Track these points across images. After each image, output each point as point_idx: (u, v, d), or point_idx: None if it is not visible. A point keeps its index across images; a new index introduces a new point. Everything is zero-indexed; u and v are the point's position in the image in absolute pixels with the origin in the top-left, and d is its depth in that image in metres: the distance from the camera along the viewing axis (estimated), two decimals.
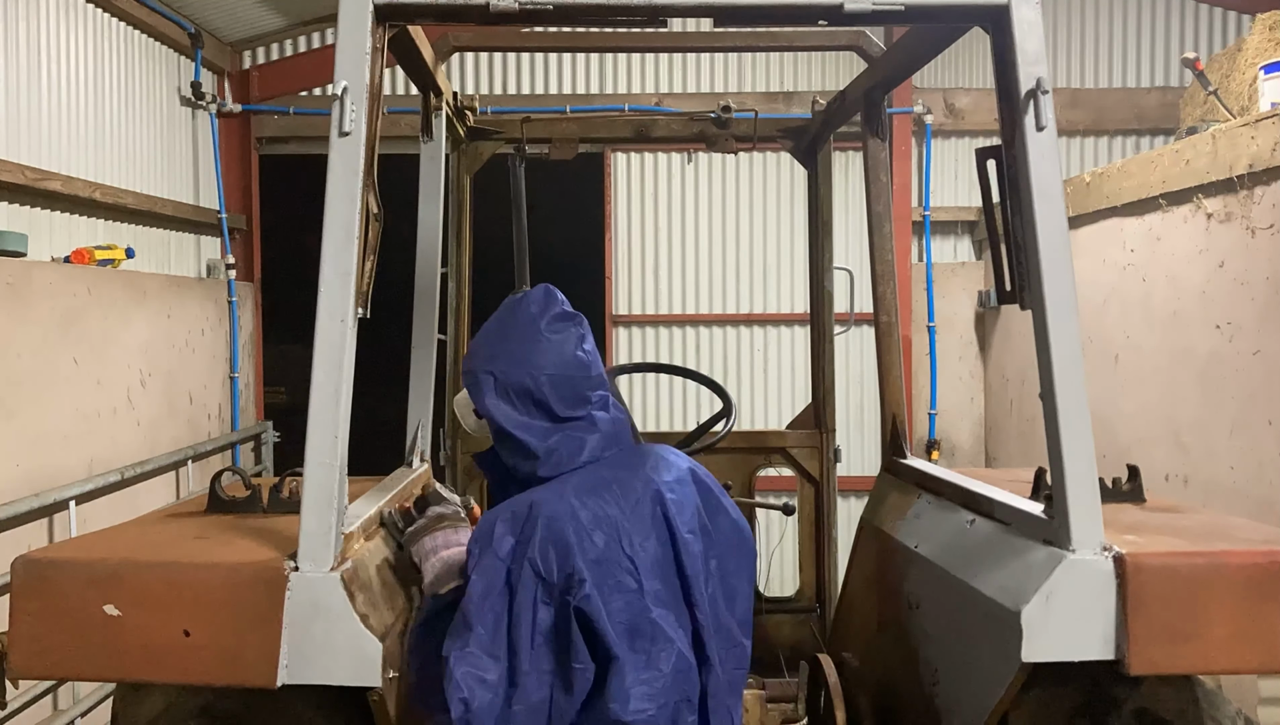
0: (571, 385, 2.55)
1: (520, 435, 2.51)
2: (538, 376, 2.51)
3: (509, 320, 2.59)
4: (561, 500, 2.43)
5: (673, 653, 2.40)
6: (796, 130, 4.67)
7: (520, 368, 2.51)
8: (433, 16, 2.62)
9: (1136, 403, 6.03)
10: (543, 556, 2.34)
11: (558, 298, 2.65)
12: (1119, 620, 2.36)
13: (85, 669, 2.34)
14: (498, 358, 2.53)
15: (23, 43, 5.38)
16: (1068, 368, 2.45)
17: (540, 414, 2.51)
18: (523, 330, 2.55)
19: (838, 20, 2.59)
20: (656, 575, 2.45)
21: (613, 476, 2.55)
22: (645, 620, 2.39)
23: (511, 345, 2.54)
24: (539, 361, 2.52)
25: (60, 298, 5.24)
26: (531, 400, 2.51)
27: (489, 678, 2.27)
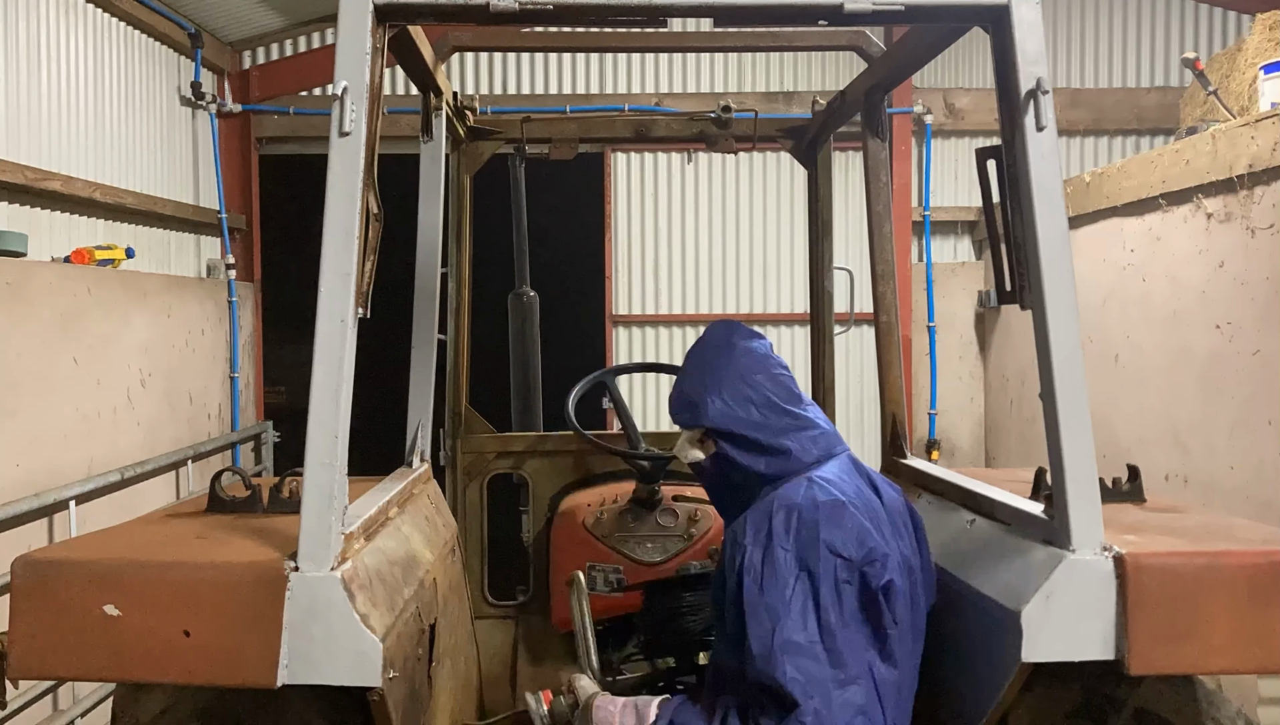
0: (784, 384, 2.63)
1: (760, 437, 2.55)
2: (753, 383, 2.60)
3: (704, 352, 2.72)
4: (827, 487, 2.45)
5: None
6: (796, 130, 4.67)
7: (735, 381, 2.59)
8: (433, 16, 2.62)
9: (1136, 403, 6.03)
10: (833, 536, 2.34)
11: (737, 324, 2.80)
12: (1119, 620, 2.36)
13: (85, 669, 2.33)
14: (709, 381, 2.62)
15: (23, 43, 5.38)
16: (1068, 368, 2.45)
17: (770, 413, 2.57)
18: (720, 354, 2.66)
19: (838, 20, 2.58)
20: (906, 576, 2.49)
21: (856, 470, 2.61)
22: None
23: (718, 369, 2.63)
24: (747, 373, 2.61)
25: (60, 298, 5.24)
26: (754, 404, 2.57)
27: (817, 672, 2.23)
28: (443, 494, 3.91)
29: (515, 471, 4.63)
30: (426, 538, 3.17)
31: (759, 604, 2.30)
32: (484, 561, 4.60)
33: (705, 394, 2.59)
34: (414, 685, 2.66)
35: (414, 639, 2.69)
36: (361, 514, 2.66)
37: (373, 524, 2.72)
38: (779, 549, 2.32)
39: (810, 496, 2.41)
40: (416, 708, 2.69)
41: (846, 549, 2.33)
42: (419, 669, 2.73)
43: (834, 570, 2.30)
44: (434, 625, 2.94)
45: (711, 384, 2.60)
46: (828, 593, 2.28)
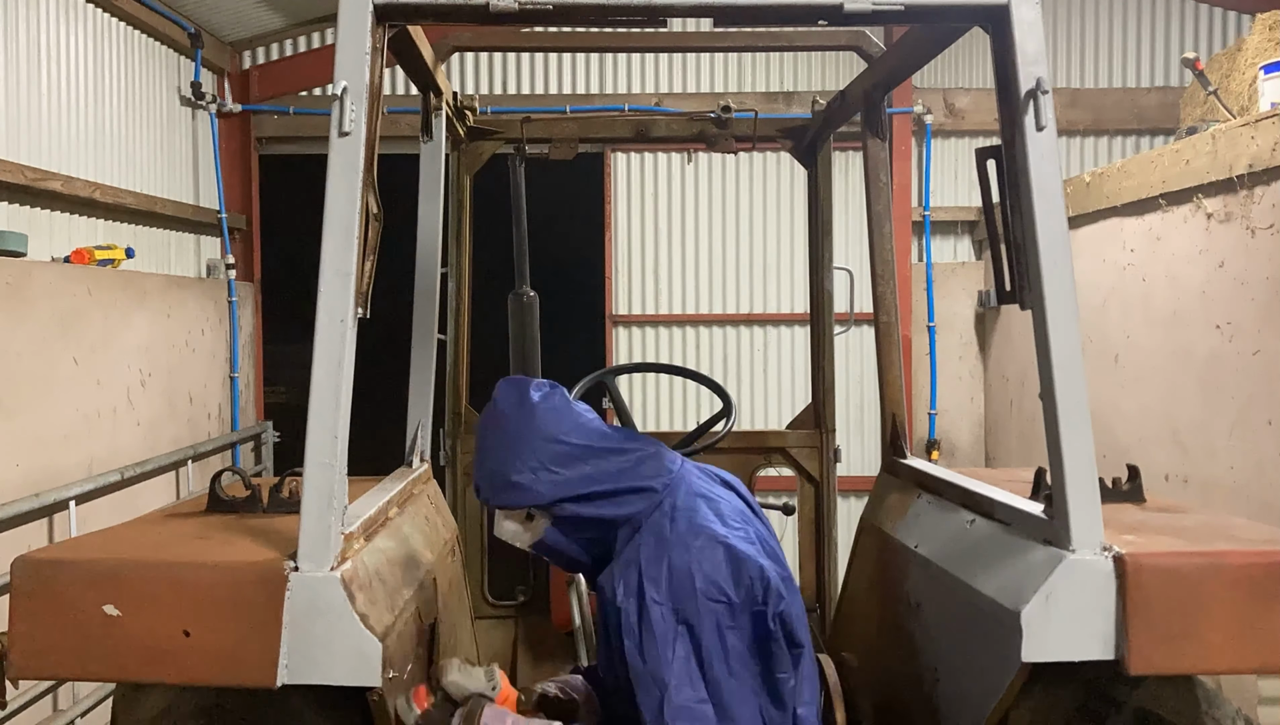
0: (595, 428, 2.44)
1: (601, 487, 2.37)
2: (566, 438, 2.39)
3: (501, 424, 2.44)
4: (690, 517, 2.32)
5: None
6: (796, 130, 4.67)
7: (547, 443, 2.38)
8: (433, 16, 2.62)
9: (1136, 403, 6.03)
10: (709, 581, 2.22)
11: (524, 380, 2.52)
12: (1119, 620, 2.36)
13: (85, 669, 2.34)
14: (522, 453, 2.38)
15: (23, 43, 5.38)
16: (1068, 368, 2.45)
17: (598, 460, 2.39)
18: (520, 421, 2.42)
19: (838, 20, 2.59)
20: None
21: (704, 474, 2.49)
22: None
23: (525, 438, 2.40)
24: (557, 431, 2.40)
25: (60, 298, 5.24)
26: (577, 459, 2.38)
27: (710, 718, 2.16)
28: (443, 494, 3.91)
29: None
30: (426, 538, 3.18)
31: (644, 673, 2.20)
32: (484, 561, 4.60)
33: (523, 470, 2.35)
34: (414, 685, 2.66)
35: (414, 639, 2.69)
36: (361, 514, 2.66)
37: (373, 524, 2.72)
38: (653, 606, 2.20)
39: (676, 537, 2.27)
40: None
41: (724, 592, 2.22)
42: (419, 669, 2.73)
43: (715, 618, 2.20)
44: (434, 625, 2.94)
45: (526, 455, 2.36)
46: (711, 644, 2.19)
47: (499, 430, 2.43)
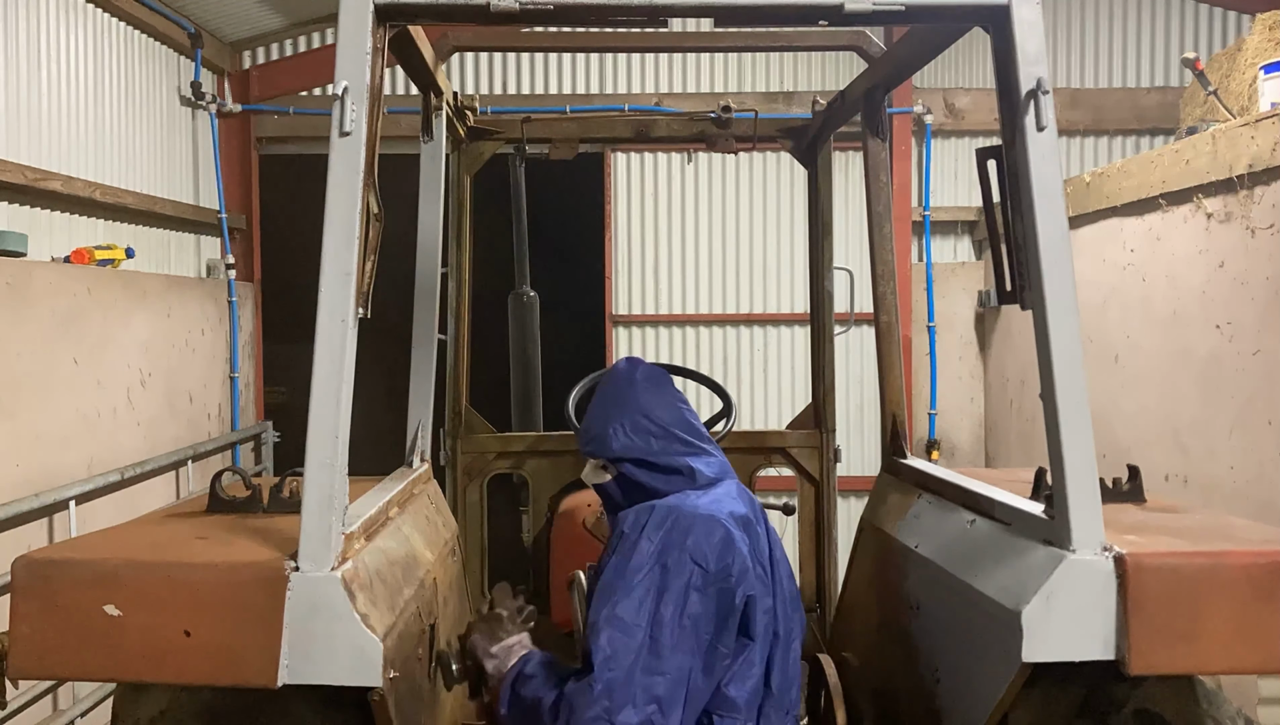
0: (681, 416, 2.79)
1: (657, 460, 2.71)
2: (653, 416, 2.76)
3: (609, 388, 2.86)
4: (710, 502, 2.60)
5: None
6: (796, 130, 4.67)
7: (635, 414, 2.75)
8: (433, 16, 2.62)
9: (1136, 403, 6.03)
10: (698, 546, 2.46)
11: (640, 361, 2.94)
12: (1119, 620, 2.36)
13: (85, 669, 2.34)
14: (612, 414, 2.78)
15: (23, 43, 5.38)
16: (1068, 368, 2.45)
17: (667, 442, 2.74)
18: (623, 391, 2.82)
19: (838, 20, 2.59)
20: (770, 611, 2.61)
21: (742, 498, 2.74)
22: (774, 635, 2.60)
23: (621, 404, 2.79)
24: (648, 407, 2.77)
25: (60, 298, 5.24)
26: (652, 436, 2.73)
27: (630, 649, 2.34)
28: (443, 494, 3.91)
29: (515, 471, 4.64)
30: (427, 538, 3.18)
31: (609, 580, 2.44)
32: (484, 561, 4.60)
33: (608, 426, 2.75)
34: (414, 685, 2.67)
35: (414, 639, 2.69)
36: (362, 514, 2.66)
37: (373, 524, 2.72)
38: (645, 540, 2.46)
39: (691, 505, 2.56)
40: (416, 708, 2.69)
41: (706, 560, 2.45)
42: (419, 669, 2.73)
43: (688, 575, 2.42)
44: (434, 625, 2.94)
45: (614, 417, 2.75)
46: (674, 591, 2.40)
47: (605, 392, 2.85)
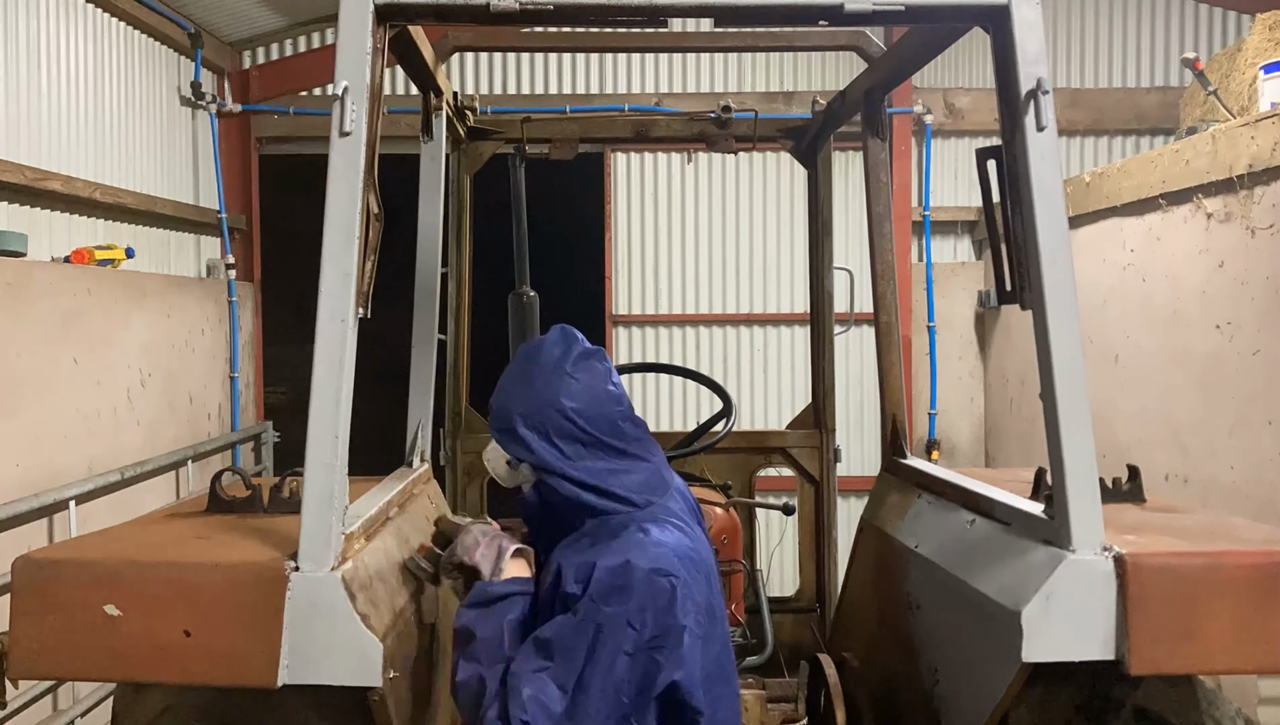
0: (608, 419, 2.47)
1: (585, 478, 2.44)
2: (580, 415, 2.44)
3: (531, 367, 2.51)
4: (651, 548, 2.37)
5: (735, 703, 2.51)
6: (796, 130, 4.67)
7: (557, 416, 2.43)
8: (433, 16, 2.62)
9: (1136, 403, 6.03)
10: (640, 609, 2.29)
11: (577, 337, 2.57)
12: (1119, 620, 2.36)
13: (85, 669, 2.34)
14: (532, 409, 2.44)
15: (23, 43, 5.38)
16: (1068, 368, 2.45)
17: (595, 453, 2.45)
18: (548, 376, 2.47)
19: (838, 20, 2.59)
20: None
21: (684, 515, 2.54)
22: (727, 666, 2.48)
23: (543, 394, 2.45)
24: (577, 402, 2.44)
25: (60, 298, 5.24)
26: (579, 442, 2.43)
27: (555, 709, 2.23)
28: (443, 494, 3.91)
29: None
30: (427, 538, 3.17)
31: (543, 637, 2.29)
32: None
33: (528, 426, 2.42)
34: (414, 685, 2.67)
35: (414, 639, 2.69)
36: (362, 514, 2.66)
37: (373, 524, 2.72)
38: (588, 601, 2.28)
39: (637, 561, 2.32)
40: (416, 708, 2.69)
41: (644, 626, 2.28)
42: (419, 669, 2.73)
43: (620, 638, 2.27)
44: (434, 625, 2.94)
45: (536, 413, 2.42)
46: (605, 655, 2.26)
47: (527, 373, 2.48)
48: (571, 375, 2.46)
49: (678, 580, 2.34)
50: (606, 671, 2.27)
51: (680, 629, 2.33)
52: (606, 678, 2.27)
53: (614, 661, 2.28)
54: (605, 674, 2.27)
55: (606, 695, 2.27)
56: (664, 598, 2.32)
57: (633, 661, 2.29)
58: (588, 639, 2.28)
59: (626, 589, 2.30)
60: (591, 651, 2.27)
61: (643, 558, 2.33)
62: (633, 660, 2.29)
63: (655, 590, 2.31)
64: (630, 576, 2.30)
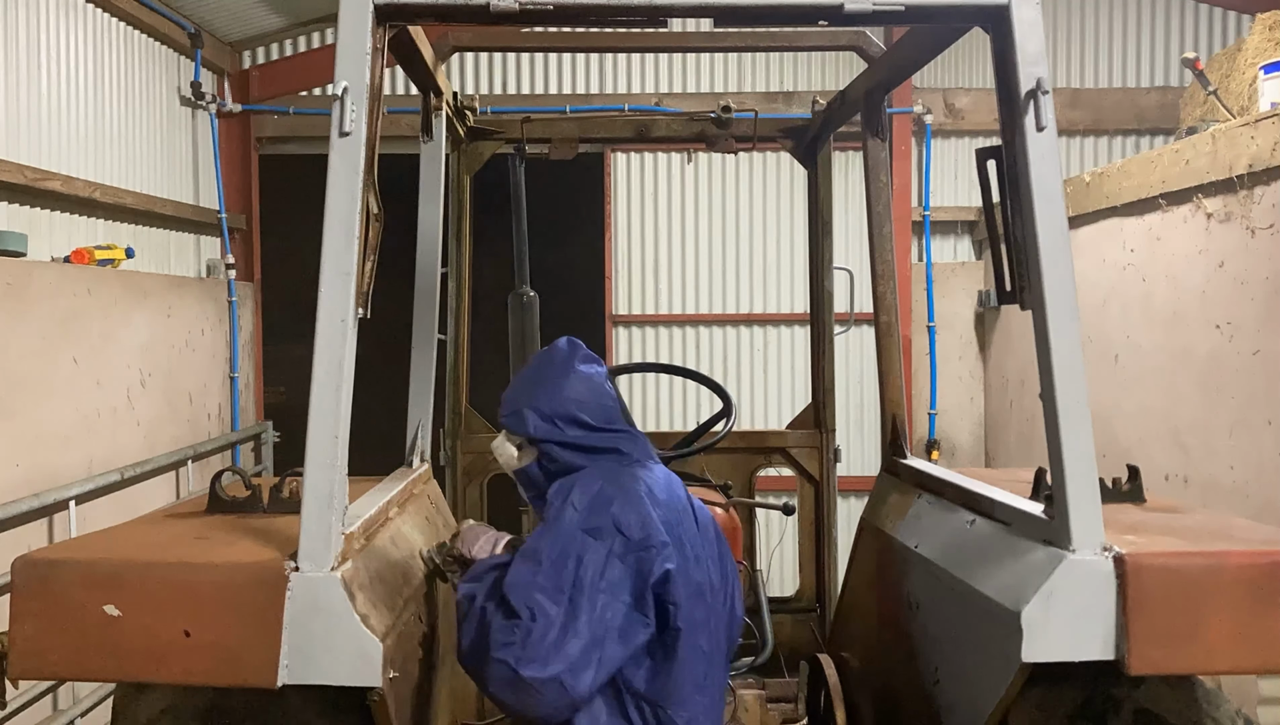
0: (605, 411, 2.70)
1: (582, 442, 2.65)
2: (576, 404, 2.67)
3: (541, 366, 2.79)
4: (638, 474, 2.59)
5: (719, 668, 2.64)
6: (796, 130, 4.67)
7: (560, 399, 2.67)
8: (433, 16, 2.62)
9: (1136, 403, 6.03)
10: (622, 514, 2.46)
11: (580, 346, 2.85)
12: (1119, 620, 2.36)
13: (85, 669, 2.34)
14: (538, 395, 2.69)
15: (23, 43, 5.38)
16: (1068, 368, 2.45)
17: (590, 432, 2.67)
18: (556, 371, 2.73)
19: (838, 20, 2.59)
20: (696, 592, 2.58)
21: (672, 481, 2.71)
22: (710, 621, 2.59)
23: (550, 385, 2.71)
24: (575, 394, 2.68)
25: (60, 298, 5.24)
26: (577, 424, 2.66)
27: (549, 610, 2.34)
28: (443, 494, 3.91)
29: None
30: (426, 538, 3.18)
31: (533, 544, 2.45)
32: None
33: (531, 405, 2.67)
34: (414, 685, 2.67)
35: (414, 639, 2.69)
36: (361, 514, 2.66)
37: (373, 524, 2.72)
38: (570, 509, 2.47)
39: (616, 475, 2.56)
40: (416, 708, 2.69)
41: (629, 529, 2.45)
42: (419, 669, 2.74)
43: (610, 543, 2.43)
44: (434, 625, 2.94)
45: (541, 398, 2.68)
46: (595, 558, 2.41)
47: (539, 370, 2.77)
48: (575, 372, 2.71)
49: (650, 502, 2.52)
50: (598, 571, 2.40)
51: (663, 540, 2.48)
52: (600, 576, 2.40)
53: (606, 562, 2.41)
54: (597, 574, 2.40)
55: (602, 595, 2.39)
56: (644, 510, 2.49)
57: (623, 564, 2.43)
58: (578, 543, 2.42)
59: (608, 499, 2.48)
60: (582, 554, 2.41)
61: (624, 480, 2.54)
62: (622, 562, 2.43)
63: (635, 505, 2.49)
64: (615, 491, 2.50)
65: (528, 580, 2.38)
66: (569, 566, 2.39)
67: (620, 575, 2.42)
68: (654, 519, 2.49)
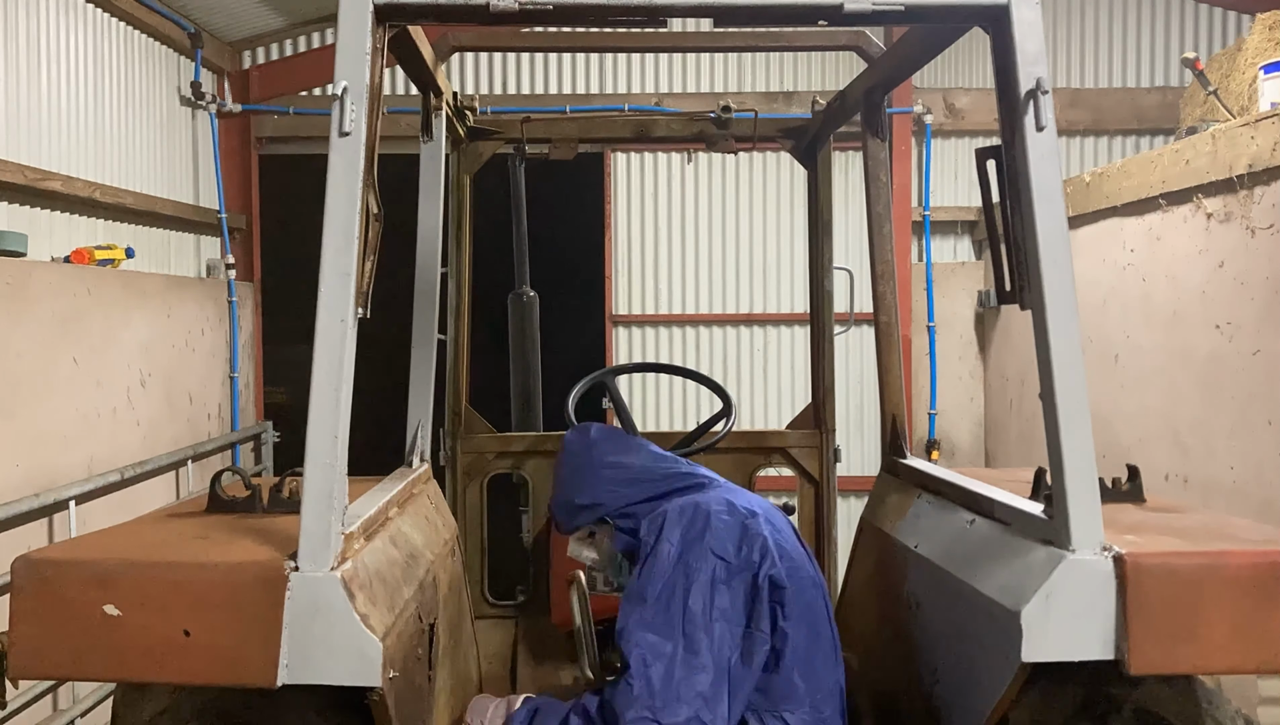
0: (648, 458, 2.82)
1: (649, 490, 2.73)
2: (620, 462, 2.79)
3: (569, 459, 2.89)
4: (720, 496, 2.63)
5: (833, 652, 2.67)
6: (796, 130, 4.67)
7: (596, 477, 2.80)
8: (433, 16, 2.62)
9: (1136, 403, 6.03)
10: (718, 539, 2.48)
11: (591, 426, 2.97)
12: (1119, 620, 2.36)
13: (85, 669, 2.34)
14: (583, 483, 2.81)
15: (23, 43, 5.38)
16: (1068, 368, 2.45)
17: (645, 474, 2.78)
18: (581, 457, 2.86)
19: (838, 20, 2.59)
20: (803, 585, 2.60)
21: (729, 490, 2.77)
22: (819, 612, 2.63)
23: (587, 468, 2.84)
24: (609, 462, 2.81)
25: (60, 298, 5.24)
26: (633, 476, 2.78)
27: (665, 648, 2.35)
28: (443, 494, 3.91)
29: (515, 471, 4.64)
30: (426, 538, 3.18)
31: (636, 586, 2.47)
32: (484, 561, 4.60)
33: (576, 501, 2.75)
34: (414, 685, 2.67)
35: (414, 639, 2.69)
36: (361, 514, 2.66)
37: (373, 524, 2.72)
38: (665, 543, 2.50)
39: (702, 502, 2.59)
40: (416, 708, 2.69)
41: (727, 552, 2.48)
42: (419, 669, 2.73)
43: (712, 570, 2.45)
44: (434, 625, 2.94)
45: (587, 482, 2.77)
46: (700, 587, 2.43)
47: (567, 464, 2.86)
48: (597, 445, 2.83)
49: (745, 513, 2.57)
50: (706, 600, 2.41)
51: (763, 539, 2.51)
52: (709, 607, 2.41)
53: (712, 589, 2.43)
54: (705, 603, 2.41)
55: (716, 624, 2.40)
56: (737, 526, 2.53)
57: (728, 588, 2.44)
58: (680, 577, 2.43)
59: (701, 526, 2.52)
60: (688, 587, 2.42)
61: (712, 503, 2.58)
62: (728, 586, 2.44)
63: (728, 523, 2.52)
64: (706, 517, 2.54)
65: (636, 621, 2.37)
66: (676, 602, 2.39)
67: (729, 600, 2.42)
68: (748, 534, 2.51)
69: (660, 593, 2.39)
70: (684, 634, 2.35)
